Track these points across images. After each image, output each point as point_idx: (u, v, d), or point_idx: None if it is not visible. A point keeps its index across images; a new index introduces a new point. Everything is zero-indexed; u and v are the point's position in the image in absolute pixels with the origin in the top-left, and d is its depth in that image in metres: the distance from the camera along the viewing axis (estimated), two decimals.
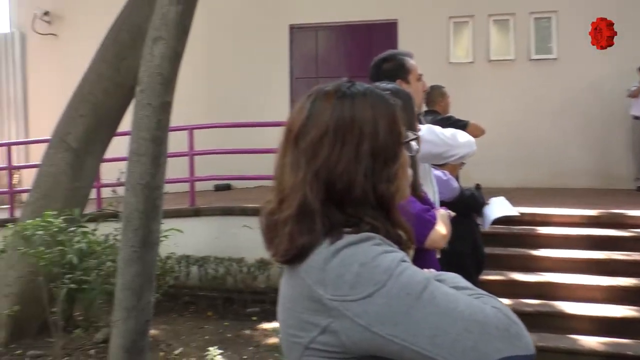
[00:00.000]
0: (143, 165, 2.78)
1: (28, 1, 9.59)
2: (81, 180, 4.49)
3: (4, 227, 5.99)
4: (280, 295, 0.94)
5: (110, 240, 4.24)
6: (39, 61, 10.00)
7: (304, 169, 0.88)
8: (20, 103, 10.24)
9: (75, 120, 4.41)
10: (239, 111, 8.00)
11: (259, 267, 5.31)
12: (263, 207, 0.98)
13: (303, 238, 0.86)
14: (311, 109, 0.91)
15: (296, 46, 8.46)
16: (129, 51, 4.34)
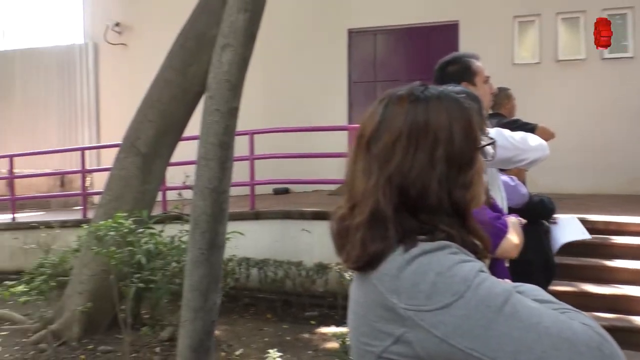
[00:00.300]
0: (211, 169, 2.86)
1: (100, 13, 10.15)
2: (149, 183, 4.69)
3: (79, 227, 6.37)
4: (351, 301, 0.93)
5: (175, 242, 4.39)
6: (109, 70, 10.56)
7: (376, 175, 0.86)
8: (93, 110, 10.84)
9: (144, 125, 4.61)
10: (297, 115, 8.10)
11: (317, 271, 5.33)
12: (334, 212, 0.98)
13: (375, 245, 0.84)
14: (383, 114, 0.89)
15: (354, 50, 8.46)
16: (194, 58, 4.49)
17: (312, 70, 8.40)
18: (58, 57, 11.15)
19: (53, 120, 11.24)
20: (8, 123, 11.60)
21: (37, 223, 6.67)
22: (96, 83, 10.79)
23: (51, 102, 11.27)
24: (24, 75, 11.57)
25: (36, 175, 10.04)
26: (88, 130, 10.88)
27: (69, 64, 10.99)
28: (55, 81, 11.23)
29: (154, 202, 4.93)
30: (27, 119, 11.45)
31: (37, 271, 4.86)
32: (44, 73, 11.38)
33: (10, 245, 7.13)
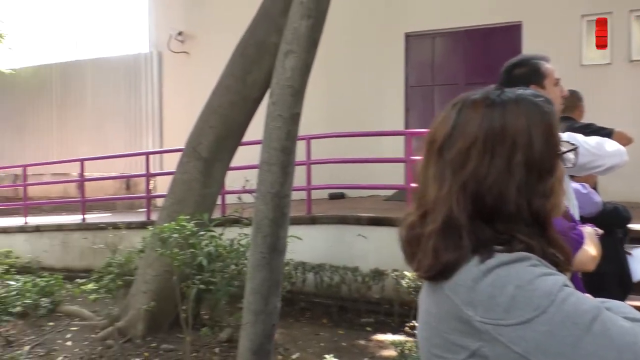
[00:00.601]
0: (273, 174, 2.90)
1: (164, 23, 10.57)
2: (210, 187, 4.81)
3: (143, 228, 6.63)
4: (422, 311, 0.91)
5: (235, 245, 4.49)
6: (172, 77, 10.96)
7: (450, 181, 0.84)
8: (157, 116, 11.29)
9: (205, 131, 4.75)
10: (353, 120, 8.09)
11: (374, 277, 5.28)
12: (403, 219, 0.96)
13: (448, 254, 0.82)
14: (457, 119, 0.87)
15: (411, 54, 8.36)
16: (254, 65, 4.58)
17: (369, 75, 8.37)
18: (125, 66, 11.70)
19: (120, 126, 11.79)
20: (80, 128, 12.29)
21: (105, 224, 7.01)
22: (160, 90, 11.23)
23: (118, 109, 11.84)
24: (94, 84, 12.23)
25: (104, 179, 10.56)
26: (152, 136, 11.34)
27: (135, 72, 11.51)
28: (122, 89, 11.79)
29: (214, 205, 5.06)
30: (97, 125, 12.08)
31: (105, 270, 5.10)
32: (112, 81, 11.98)
33: (80, 245, 7.53)
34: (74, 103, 12.44)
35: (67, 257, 7.65)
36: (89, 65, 12.38)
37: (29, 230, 8.02)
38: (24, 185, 8.93)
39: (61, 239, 7.74)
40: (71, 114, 12.49)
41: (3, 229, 8.18)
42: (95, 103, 12.17)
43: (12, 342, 4.56)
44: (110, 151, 11.49)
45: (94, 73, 12.23)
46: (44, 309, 5.10)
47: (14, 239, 7.88)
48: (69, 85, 12.56)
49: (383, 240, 5.63)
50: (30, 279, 5.31)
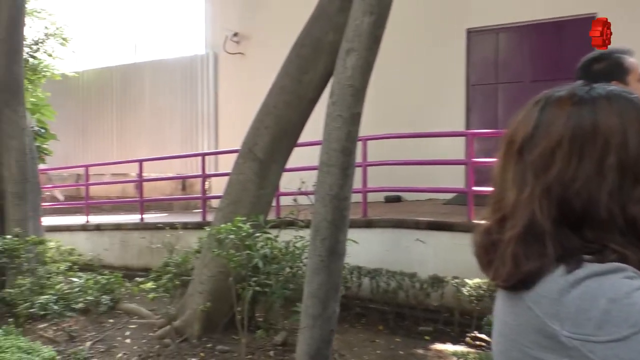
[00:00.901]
0: (333, 176, 2.91)
1: (220, 24, 10.84)
2: (265, 188, 4.88)
3: (199, 229, 6.81)
4: (498, 321, 0.87)
5: (290, 247, 4.53)
6: (228, 78, 11.22)
7: (532, 185, 0.80)
8: (212, 117, 11.60)
9: (261, 131, 4.82)
10: (411, 120, 7.98)
11: (432, 284, 5.19)
12: (477, 224, 0.92)
13: (530, 263, 0.78)
14: (540, 117, 0.83)
15: (473, 50, 8.16)
16: (309, 65, 4.61)
17: (428, 73, 8.24)
18: (182, 67, 12.10)
19: (176, 127, 12.20)
20: (138, 130, 12.81)
21: (162, 224, 7.26)
22: (215, 91, 11.53)
23: (175, 110, 12.25)
24: (152, 85, 12.72)
25: (161, 179, 10.95)
26: (207, 137, 11.66)
27: (191, 74, 11.88)
28: (179, 90, 12.20)
29: (269, 207, 5.12)
30: (154, 126, 12.56)
31: (163, 270, 5.28)
32: (169, 83, 12.42)
33: (138, 244, 7.83)
34: (133, 105, 12.99)
35: (125, 255, 7.98)
36: (147, 67, 12.88)
37: (90, 228, 8.43)
38: (86, 185, 9.39)
39: (120, 237, 8.08)
40: (130, 115, 13.04)
41: (67, 227, 8.63)
42: (153, 105, 12.65)
43: (74, 338, 4.80)
44: (167, 152, 11.92)
45: (152, 75, 12.71)
46: (104, 306, 5.34)
47: (76, 237, 8.30)
48: (129, 87, 13.12)
49: (442, 245, 5.52)
50: (92, 277, 5.57)
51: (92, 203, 9.61)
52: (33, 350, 3.33)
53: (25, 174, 6.16)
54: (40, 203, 6.70)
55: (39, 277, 5.46)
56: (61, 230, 8.40)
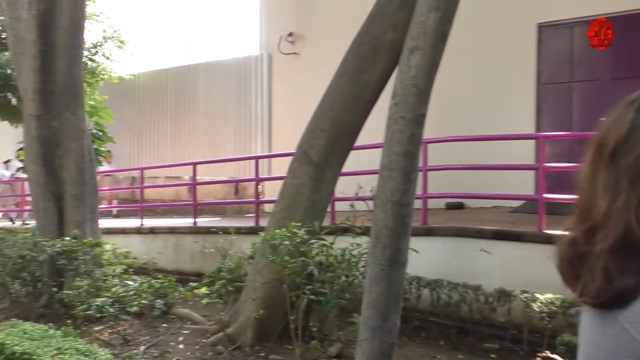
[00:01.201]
0: (394, 180, 2.89)
1: (275, 24, 11.02)
2: (320, 192, 4.90)
3: (253, 234, 6.93)
4: (584, 341, 0.83)
5: (346, 255, 4.52)
6: (282, 79, 11.37)
7: (627, 192, 0.76)
8: (266, 119, 11.79)
9: (316, 134, 4.84)
10: (475, 122, 7.80)
11: (499, 297, 5.03)
12: (561, 235, 0.89)
13: (626, 279, 0.74)
14: (636, 119, 0.79)
15: (545, 47, 7.89)
16: (367, 65, 4.59)
17: (495, 71, 8.03)
18: (236, 69, 12.37)
19: (230, 129, 12.48)
20: (192, 132, 13.20)
21: (216, 228, 7.43)
22: (269, 93, 11.72)
23: (229, 112, 12.55)
24: (206, 87, 13.09)
25: (214, 182, 11.22)
26: (261, 139, 11.86)
27: (245, 75, 12.13)
28: (233, 92, 12.48)
29: (325, 212, 5.14)
30: (208, 128, 12.90)
31: (216, 275, 5.40)
32: (223, 84, 12.73)
33: (191, 248, 8.06)
34: (187, 107, 13.40)
35: (178, 259, 8.22)
36: (201, 69, 13.26)
37: (145, 231, 8.75)
38: (141, 188, 9.76)
39: (173, 241, 8.34)
40: (184, 117, 13.46)
41: (122, 229, 9.00)
42: (207, 106, 13.00)
43: (129, 341, 4.99)
44: (221, 155, 12.21)
45: (206, 77, 13.08)
46: (158, 310, 5.52)
47: (131, 239, 8.64)
48: (183, 89, 13.56)
49: (510, 256, 5.35)
50: (146, 280, 5.78)
51: (147, 206, 9.97)
52: (90, 353, 3.48)
53: (84, 177, 6.48)
54: (97, 205, 7.03)
55: (96, 279, 5.71)
56: (116, 232, 8.76)
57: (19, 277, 5.87)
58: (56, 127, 6.44)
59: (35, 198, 6.50)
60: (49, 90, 6.38)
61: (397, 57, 4.32)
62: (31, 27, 6.32)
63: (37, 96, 6.36)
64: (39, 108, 6.38)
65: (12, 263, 5.69)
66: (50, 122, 6.43)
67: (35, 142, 6.42)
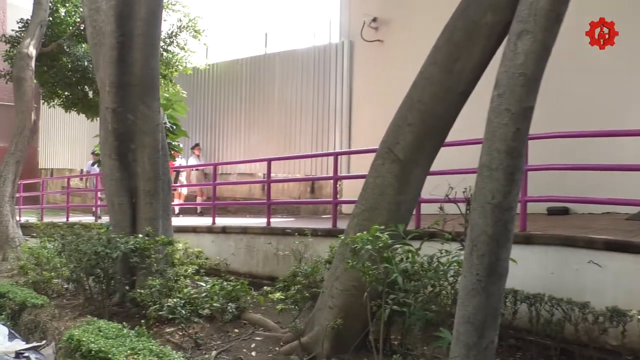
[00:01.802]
0: (495, 181, 2.82)
1: (357, 9, 11.03)
2: (405, 193, 4.85)
3: (330, 237, 6.99)
4: None
5: (434, 263, 4.45)
6: (364, 69, 11.37)
7: None
8: (346, 112, 11.83)
9: (403, 129, 4.79)
10: (585, 116, 7.43)
11: (611, 317, 4.76)
12: None
13: None
14: None
15: None
16: (461, 52, 4.48)
17: (611, 58, 7.59)
18: (314, 58, 12.52)
19: (307, 123, 12.65)
20: (267, 126, 13.49)
21: (291, 229, 7.56)
22: (350, 83, 11.75)
23: (306, 105, 12.72)
24: (282, 78, 13.34)
25: (289, 180, 11.43)
26: (340, 134, 11.92)
27: (324, 64, 12.24)
28: (310, 82, 12.64)
29: (410, 215, 5.08)
30: (283, 122, 13.15)
31: (291, 280, 5.50)
32: (299, 74, 12.93)
33: (264, 249, 8.25)
34: (262, 99, 13.73)
35: (251, 261, 8.45)
36: (277, 58, 13.53)
37: (216, 231, 9.05)
38: (214, 185, 10.11)
39: (246, 242, 8.58)
40: (259, 110, 13.80)
41: (193, 228, 9.37)
42: (282, 98, 13.25)
43: (200, 345, 5.18)
44: (296, 150, 12.40)
45: (282, 67, 13.33)
46: (230, 314, 5.69)
47: (202, 239, 8.98)
48: (258, 80, 13.90)
49: (625, 271, 5.06)
50: (218, 282, 5.98)
51: (219, 204, 10.31)
52: (164, 355, 3.65)
53: (158, 172, 6.80)
54: (170, 202, 7.36)
55: (168, 279, 5.98)
56: (187, 231, 9.13)
57: (93, 273, 6.26)
58: (131, 120, 6.80)
59: (109, 193, 6.90)
60: (125, 82, 6.76)
61: (496, 43, 4.21)
62: (109, 17, 6.72)
63: (113, 88, 6.74)
64: (115, 101, 6.77)
65: (86, 259, 6.06)
66: (126, 115, 6.80)
67: (111, 136, 6.81)
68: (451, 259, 4.38)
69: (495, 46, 4.19)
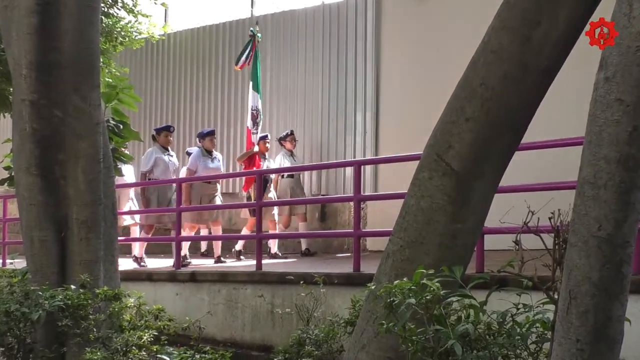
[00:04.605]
0: (603, 204, 2.85)
1: None
2: (465, 221, 4.85)
3: (352, 285, 6.99)
4: None
5: (507, 323, 4.44)
6: (394, 36, 11.43)
7: None
8: (370, 100, 11.86)
9: (458, 127, 4.81)
10: None
11: None
12: None
13: None
14: None
15: None
16: (543, 11, 4.53)
17: None
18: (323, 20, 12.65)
19: (313, 116, 12.72)
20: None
21: (292, 275, 7.58)
22: (376, 56, 11.79)
23: (311, 88, 12.83)
24: (276, 51, 13.52)
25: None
26: (361, 132, 11.94)
27: (338, 30, 12.36)
28: (318, 56, 12.78)
29: (471, 252, 5.09)
30: (278, 114, 13.23)
31: (296, 351, 5.50)
32: (302, 45, 13.11)
33: (253, 305, 8.27)
34: (247, 81, 13.85)
35: (234, 323, 8.46)
36: (269, 23, 13.70)
37: (182, 278, 9.09)
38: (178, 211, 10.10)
39: (225, 295, 8.60)
40: (242, 98, 13.85)
41: (148, 274, 9.42)
42: (276, 80, 13.42)
43: None
44: (298, 156, 12.43)
45: (277, 34, 13.52)
46: None
47: (163, 290, 9.02)
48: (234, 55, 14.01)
49: None
50: (189, 355, 5.98)
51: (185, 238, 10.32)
52: None
53: (98, 193, 6.82)
54: (116, 236, 7.38)
55: (114, 350, 6.00)
56: (141, 279, 9.18)
57: (2, 343, 6.26)
58: (59, 117, 6.80)
59: (27, 225, 6.87)
60: (50, 62, 6.74)
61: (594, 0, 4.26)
62: None
63: (32, 72, 6.72)
64: (35, 89, 6.75)
65: None
66: (52, 110, 6.78)
67: (29, 141, 6.80)
68: (533, 317, 4.38)
69: (592, 6, 4.24)
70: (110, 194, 7.18)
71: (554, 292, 3.78)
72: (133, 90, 9.94)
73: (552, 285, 3.87)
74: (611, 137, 2.90)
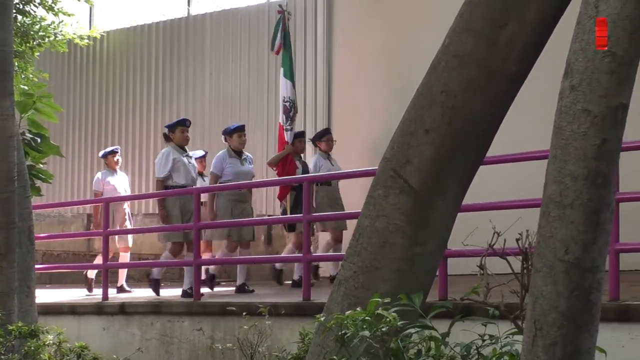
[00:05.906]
0: (570, 225, 2.86)
1: None
2: (424, 243, 4.87)
3: (303, 316, 6.99)
4: None
5: (472, 357, 4.47)
6: (348, 37, 11.48)
7: None
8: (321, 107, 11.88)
9: (417, 138, 4.83)
10: None
11: None
12: None
13: None
14: None
15: None
16: (510, 11, 4.59)
17: None
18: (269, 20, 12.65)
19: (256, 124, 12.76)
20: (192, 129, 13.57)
21: (234, 306, 7.55)
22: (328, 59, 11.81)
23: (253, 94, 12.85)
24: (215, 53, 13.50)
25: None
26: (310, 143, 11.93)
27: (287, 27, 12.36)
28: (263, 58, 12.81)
29: (432, 278, 5.12)
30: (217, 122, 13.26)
31: None
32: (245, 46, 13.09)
33: (191, 340, 8.21)
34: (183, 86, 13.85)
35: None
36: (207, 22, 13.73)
37: (110, 311, 8.99)
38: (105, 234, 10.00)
39: (159, 329, 8.53)
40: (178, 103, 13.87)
41: (71, 307, 9.29)
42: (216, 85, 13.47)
43: None
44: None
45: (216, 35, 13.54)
46: None
47: (88, 325, 8.89)
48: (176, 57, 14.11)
49: None
50: None
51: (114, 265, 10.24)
52: None
53: (12, 215, 6.74)
54: (33, 265, 7.27)
55: None
56: (62, 312, 9.05)
57: None
58: None
59: None
60: None
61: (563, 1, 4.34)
62: None
63: None
64: None
65: None
66: None
67: None
68: (500, 349, 4.42)
69: (562, 5, 4.30)
70: (26, 216, 7.08)
71: (522, 321, 3.81)
72: (53, 98, 9.85)
73: (520, 314, 3.90)
74: (578, 151, 2.91)
